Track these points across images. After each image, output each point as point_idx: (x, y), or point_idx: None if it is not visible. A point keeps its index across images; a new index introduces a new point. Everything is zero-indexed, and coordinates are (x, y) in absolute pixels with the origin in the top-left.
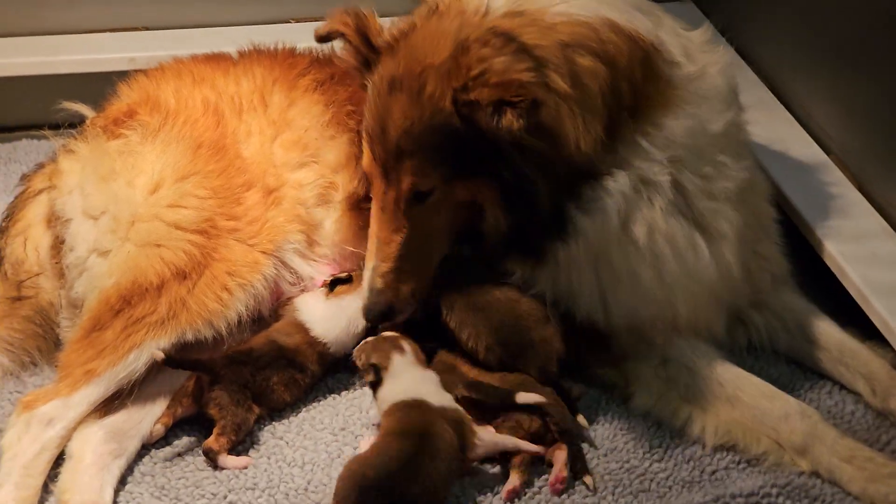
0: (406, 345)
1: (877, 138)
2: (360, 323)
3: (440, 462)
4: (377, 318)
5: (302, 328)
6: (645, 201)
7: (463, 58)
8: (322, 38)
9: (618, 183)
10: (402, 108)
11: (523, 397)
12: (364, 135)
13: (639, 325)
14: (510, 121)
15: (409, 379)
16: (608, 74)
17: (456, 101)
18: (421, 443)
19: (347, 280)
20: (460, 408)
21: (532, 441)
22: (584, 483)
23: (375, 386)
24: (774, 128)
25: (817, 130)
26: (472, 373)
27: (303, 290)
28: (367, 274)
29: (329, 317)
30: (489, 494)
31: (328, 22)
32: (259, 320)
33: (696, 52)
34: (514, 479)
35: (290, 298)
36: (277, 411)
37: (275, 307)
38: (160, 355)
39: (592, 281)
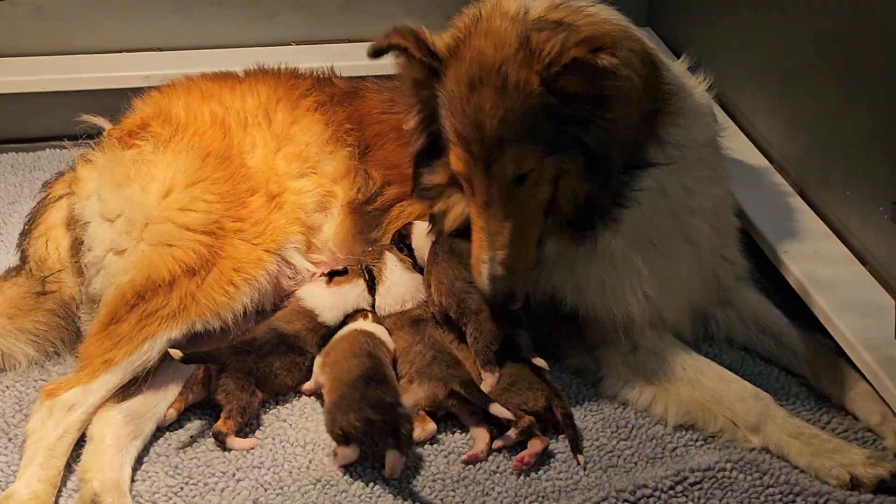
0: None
1: (815, 148)
2: (356, 307)
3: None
4: (503, 304)
5: (309, 315)
6: (661, 204)
7: (532, 44)
8: (378, 53)
9: (648, 177)
10: (492, 102)
11: (496, 409)
12: (455, 139)
13: (629, 320)
14: (608, 59)
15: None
16: (641, 66)
17: (546, 78)
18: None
19: (343, 272)
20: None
21: (535, 419)
22: (577, 460)
23: None
24: (724, 140)
25: (761, 141)
26: (474, 371)
27: (300, 284)
28: (485, 267)
29: (334, 304)
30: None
31: (385, 37)
32: (262, 312)
33: (682, 75)
34: (535, 444)
35: (291, 291)
36: (281, 395)
37: (277, 300)
38: (178, 354)
39: (601, 274)
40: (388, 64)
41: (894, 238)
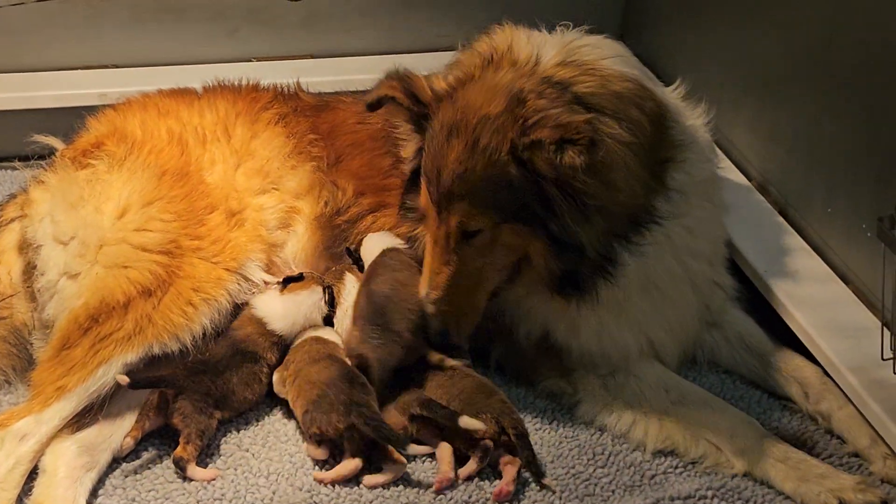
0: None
1: (795, 165)
2: (316, 316)
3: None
4: (437, 337)
5: (257, 323)
6: (666, 248)
7: (519, 109)
8: (373, 107)
9: (662, 231)
10: (457, 155)
11: (465, 422)
12: (423, 175)
13: (620, 353)
14: (572, 157)
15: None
16: (650, 127)
17: (515, 147)
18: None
19: (299, 278)
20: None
21: (494, 445)
22: (545, 485)
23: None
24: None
25: (739, 158)
26: (435, 392)
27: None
28: (424, 298)
29: (286, 312)
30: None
31: (375, 90)
32: (222, 334)
33: (683, 110)
34: (509, 471)
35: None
36: (243, 413)
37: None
38: (125, 380)
39: (605, 318)
40: (354, 80)
41: (877, 256)
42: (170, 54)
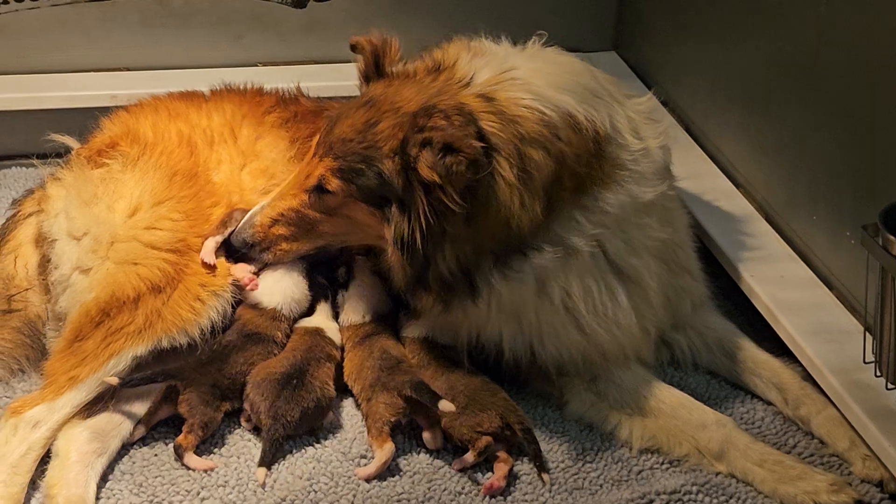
0: None
1: (781, 172)
2: (304, 283)
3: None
4: (239, 244)
5: (251, 306)
6: (563, 270)
7: (423, 119)
8: (351, 48)
9: (543, 257)
10: (354, 123)
11: (443, 405)
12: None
13: (566, 362)
14: (453, 162)
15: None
16: (554, 169)
17: (405, 142)
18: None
19: None
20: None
21: (494, 440)
22: (542, 479)
23: None
24: (689, 164)
25: (727, 165)
26: (425, 373)
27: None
28: (256, 208)
29: (270, 289)
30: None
31: (361, 36)
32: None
33: (642, 129)
34: (500, 468)
35: None
36: None
37: None
38: (115, 381)
39: (515, 331)
40: (354, 86)
41: (860, 262)
42: (177, 58)
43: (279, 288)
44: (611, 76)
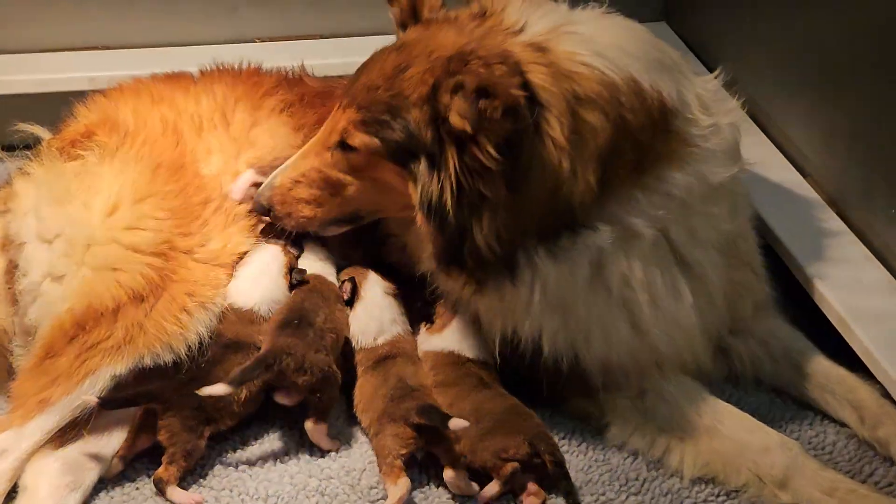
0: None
1: (856, 160)
2: (284, 283)
3: None
4: (258, 207)
5: (228, 312)
6: (623, 252)
7: (457, 64)
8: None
9: (599, 238)
10: (381, 70)
11: (454, 424)
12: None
13: (614, 367)
14: (486, 106)
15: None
16: (612, 136)
17: (436, 87)
18: None
19: None
20: None
21: (523, 470)
22: None
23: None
24: (751, 150)
25: (794, 153)
26: (448, 393)
27: None
28: (279, 168)
29: (249, 282)
30: None
31: None
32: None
33: (712, 105)
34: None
35: None
36: (243, 419)
37: None
38: (93, 400)
39: (558, 326)
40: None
41: None
42: (163, 35)
43: (257, 287)
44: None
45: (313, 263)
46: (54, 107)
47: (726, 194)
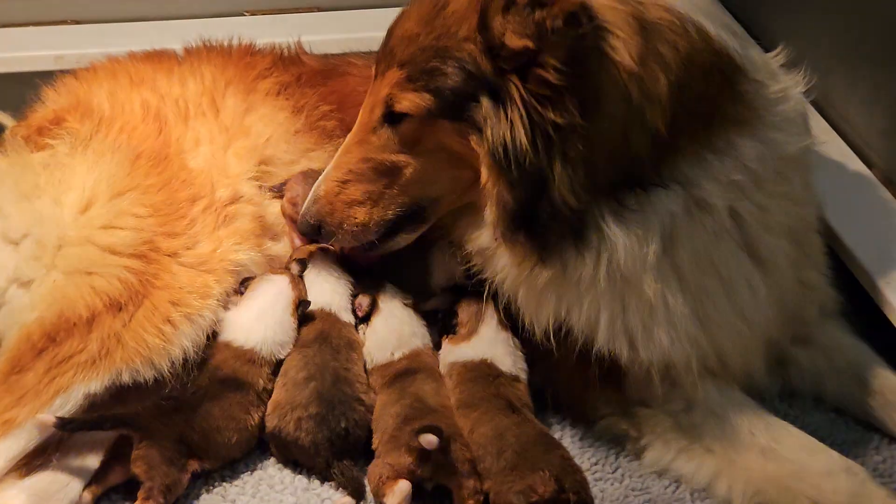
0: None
1: None
2: (291, 322)
3: None
4: (307, 228)
5: (226, 345)
6: (697, 225)
7: None
8: None
9: (670, 199)
10: (418, 15)
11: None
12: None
13: (671, 364)
14: (544, 16)
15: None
16: (682, 71)
17: (485, 14)
18: None
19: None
20: None
21: None
22: None
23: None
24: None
25: (858, 141)
26: (471, 415)
27: None
28: (319, 178)
29: (251, 320)
30: None
31: None
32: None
33: (780, 73)
34: None
35: None
36: (230, 460)
37: None
38: (51, 420)
39: (619, 310)
40: (365, 38)
41: None
42: (143, 7)
43: (259, 324)
44: None
45: (325, 283)
46: (17, 89)
47: (799, 169)
